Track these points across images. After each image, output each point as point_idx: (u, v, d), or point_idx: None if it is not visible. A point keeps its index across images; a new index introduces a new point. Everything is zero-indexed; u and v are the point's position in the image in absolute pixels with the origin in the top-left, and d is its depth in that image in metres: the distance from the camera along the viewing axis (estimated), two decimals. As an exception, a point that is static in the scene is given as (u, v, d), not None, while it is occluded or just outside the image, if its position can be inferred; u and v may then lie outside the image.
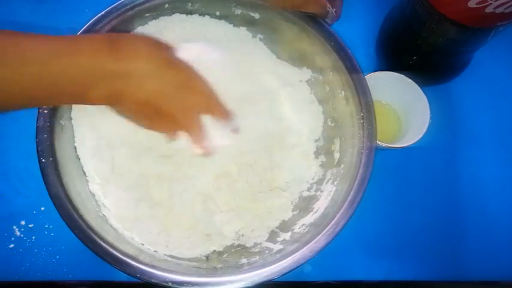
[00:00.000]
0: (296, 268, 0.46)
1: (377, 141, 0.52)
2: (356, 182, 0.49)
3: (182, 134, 0.46)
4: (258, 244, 0.53)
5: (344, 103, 0.55)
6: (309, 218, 0.52)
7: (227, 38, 0.60)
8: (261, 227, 0.54)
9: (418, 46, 0.59)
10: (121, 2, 0.54)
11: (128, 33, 0.55)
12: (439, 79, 0.65)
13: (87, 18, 0.53)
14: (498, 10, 0.46)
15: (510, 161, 0.63)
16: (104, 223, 0.50)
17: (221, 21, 0.60)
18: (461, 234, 0.60)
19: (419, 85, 0.57)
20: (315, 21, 0.55)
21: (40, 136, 0.48)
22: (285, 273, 0.45)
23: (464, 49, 0.58)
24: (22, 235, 0.56)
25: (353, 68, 0.53)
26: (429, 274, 0.58)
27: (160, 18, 0.58)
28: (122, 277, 0.53)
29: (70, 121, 0.53)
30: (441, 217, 0.60)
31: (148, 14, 0.57)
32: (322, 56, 0.57)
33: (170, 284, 0.44)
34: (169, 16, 0.59)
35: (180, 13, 0.59)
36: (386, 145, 0.55)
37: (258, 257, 0.50)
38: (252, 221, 0.54)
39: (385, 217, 0.60)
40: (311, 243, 0.46)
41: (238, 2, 0.58)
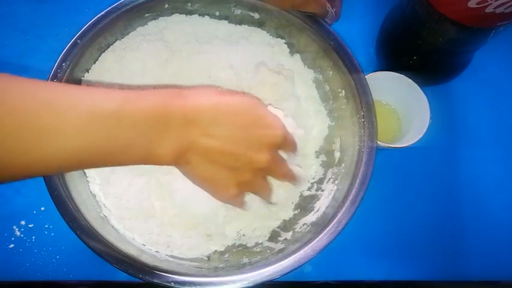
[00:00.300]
0: (298, 267, 0.46)
1: (377, 141, 0.52)
2: (357, 181, 0.49)
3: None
4: (260, 244, 0.53)
5: (344, 102, 0.55)
6: (310, 218, 0.52)
7: (228, 34, 0.60)
8: (262, 227, 0.54)
9: (418, 46, 0.60)
10: (121, 2, 0.54)
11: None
12: (439, 79, 0.65)
13: (87, 18, 0.53)
14: (498, 10, 0.46)
15: (510, 161, 0.63)
16: (105, 223, 0.50)
17: (221, 21, 0.60)
18: (461, 234, 0.60)
19: (419, 85, 0.57)
20: (315, 21, 0.55)
21: (40, 136, 0.48)
22: (287, 272, 0.45)
23: (464, 49, 0.59)
24: (22, 235, 0.56)
25: (353, 68, 0.53)
26: (429, 274, 0.58)
27: (160, 18, 0.58)
28: (122, 277, 0.53)
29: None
30: (441, 217, 0.60)
31: (148, 14, 0.57)
32: (322, 56, 0.57)
33: (172, 284, 0.44)
34: (169, 16, 0.59)
35: (180, 13, 0.59)
36: (386, 145, 0.55)
37: (260, 257, 0.50)
38: (253, 221, 0.54)
39: (385, 217, 0.60)
40: (313, 242, 0.46)
41: (238, 2, 0.58)
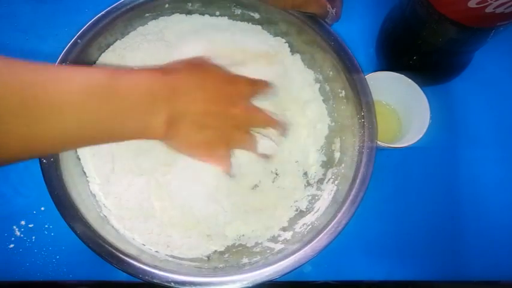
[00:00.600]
0: (298, 268, 0.46)
1: (377, 141, 0.52)
2: (357, 181, 0.49)
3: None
4: (259, 244, 0.53)
5: (344, 102, 0.55)
6: (310, 218, 0.52)
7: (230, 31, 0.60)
8: (262, 227, 0.54)
9: (418, 46, 0.60)
10: (121, 2, 0.54)
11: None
12: (439, 79, 0.65)
13: (87, 18, 0.53)
14: (498, 10, 0.46)
15: (510, 161, 0.63)
16: (105, 223, 0.50)
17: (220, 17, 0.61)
18: (461, 234, 0.60)
19: (419, 85, 0.57)
20: (315, 21, 0.55)
21: (40, 136, 0.48)
22: (287, 272, 0.45)
23: (464, 49, 0.59)
24: (22, 235, 0.56)
25: (353, 68, 0.53)
26: (429, 274, 0.58)
27: (160, 18, 0.58)
28: (122, 277, 0.53)
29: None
30: (441, 217, 0.60)
31: (148, 14, 0.57)
32: (322, 56, 0.57)
33: (172, 284, 0.44)
34: (169, 16, 0.59)
35: (180, 13, 0.59)
36: (386, 145, 0.55)
37: (259, 257, 0.50)
38: (253, 221, 0.54)
39: (385, 217, 0.60)
40: (313, 242, 0.46)
41: (238, 2, 0.58)
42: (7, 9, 0.66)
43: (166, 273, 0.45)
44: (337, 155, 0.56)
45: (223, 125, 0.46)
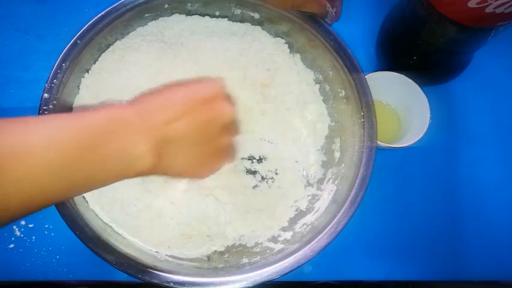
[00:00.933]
0: (297, 268, 0.46)
1: (377, 141, 0.52)
2: (357, 181, 0.49)
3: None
4: (259, 244, 0.53)
5: (344, 102, 0.55)
6: (310, 218, 0.52)
7: (230, 31, 0.60)
8: (262, 227, 0.54)
9: (418, 46, 0.59)
10: (121, 2, 0.54)
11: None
12: (439, 79, 0.65)
13: (87, 18, 0.53)
14: (498, 10, 0.46)
15: (510, 161, 0.63)
16: (105, 224, 0.50)
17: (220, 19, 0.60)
18: (461, 234, 0.60)
19: (419, 85, 0.57)
20: (315, 21, 0.55)
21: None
22: (286, 273, 0.45)
23: (464, 49, 0.59)
24: (22, 235, 0.56)
25: (353, 68, 0.53)
26: (429, 274, 0.58)
27: (160, 18, 0.58)
28: (122, 277, 0.53)
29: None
30: (441, 217, 0.60)
31: (148, 15, 0.57)
32: (322, 56, 0.57)
33: (172, 285, 0.44)
34: (168, 16, 0.59)
35: (180, 13, 0.59)
36: (386, 145, 0.55)
37: (259, 257, 0.50)
38: (253, 221, 0.54)
39: (385, 217, 0.60)
40: (312, 242, 0.46)
41: (237, 2, 0.58)
42: (7, 9, 0.66)
43: (166, 273, 0.45)
44: (337, 155, 0.56)
45: (215, 133, 0.42)
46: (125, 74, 0.56)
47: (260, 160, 0.58)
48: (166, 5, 0.57)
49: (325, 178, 0.56)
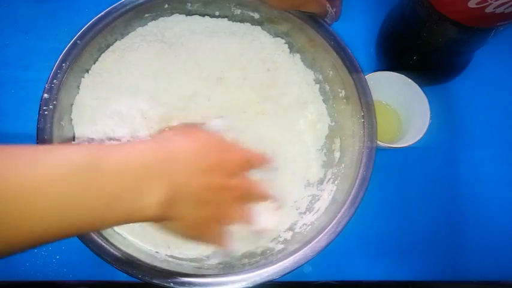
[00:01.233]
0: (297, 268, 0.46)
1: (377, 141, 0.52)
2: (357, 182, 0.49)
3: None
4: (260, 244, 0.53)
5: (344, 102, 0.55)
6: (310, 218, 0.52)
7: (230, 31, 0.60)
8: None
9: (418, 46, 0.59)
10: (121, 2, 0.54)
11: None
12: (439, 79, 0.65)
13: (87, 18, 0.53)
14: (498, 10, 0.46)
15: (510, 161, 0.63)
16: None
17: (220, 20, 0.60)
18: (461, 234, 0.60)
19: (419, 85, 0.57)
20: (315, 21, 0.55)
21: (41, 137, 0.48)
22: (286, 273, 0.45)
23: (464, 49, 0.59)
24: (22, 235, 0.56)
25: (353, 68, 0.53)
26: (429, 274, 0.58)
27: (160, 18, 0.58)
28: (122, 277, 0.53)
29: (70, 122, 0.53)
30: (441, 217, 0.60)
31: (148, 15, 0.57)
32: (322, 56, 0.57)
33: (172, 285, 0.44)
34: (168, 16, 0.59)
35: (180, 13, 0.59)
36: (386, 145, 0.55)
37: (259, 257, 0.50)
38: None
39: (385, 217, 0.60)
40: (312, 243, 0.46)
41: (237, 2, 0.58)
42: (7, 9, 0.66)
43: (165, 273, 0.45)
44: (337, 155, 0.56)
45: (223, 199, 0.41)
46: (125, 74, 0.56)
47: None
48: (166, 5, 0.57)
49: (325, 178, 0.56)
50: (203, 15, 0.60)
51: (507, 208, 0.61)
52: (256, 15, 0.59)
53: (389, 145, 0.55)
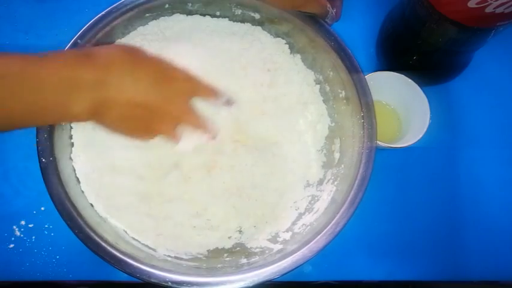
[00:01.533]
0: (296, 268, 0.46)
1: (377, 141, 0.52)
2: (356, 182, 0.49)
3: (182, 130, 0.46)
4: (258, 244, 0.53)
5: (344, 103, 0.55)
6: (309, 218, 0.52)
7: (230, 31, 0.60)
8: (262, 227, 0.54)
9: (418, 46, 0.59)
10: (121, 2, 0.54)
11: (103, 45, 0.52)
12: (439, 79, 0.65)
13: (87, 18, 0.53)
14: (498, 10, 0.46)
15: (510, 161, 0.63)
16: (103, 223, 0.50)
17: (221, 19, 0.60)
18: (461, 234, 0.60)
19: (419, 85, 0.57)
20: (315, 21, 0.55)
21: (40, 136, 0.48)
22: (285, 273, 0.45)
23: (464, 49, 0.59)
24: (22, 235, 0.56)
25: (353, 68, 0.53)
26: (429, 274, 0.58)
27: (160, 18, 0.58)
28: (122, 277, 0.53)
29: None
30: (441, 217, 0.60)
31: (148, 14, 0.57)
32: (322, 56, 0.57)
33: (170, 284, 0.44)
34: (169, 16, 0.59)
35: (180, 13, 0.59)
36: (386, 145, 0.55)
37: (258, 257, 0.50)
38: (253, 221, 0.54)
39: (385, 217, 0.60)
40: (311, 243, 0.46)
41: (238, 2, 0.58)
42: (7, 9, 0.66)
43: (164, 272, 0.45)
44: (337, 156, 0.56)
45: (155, 119, 0.43)
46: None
47: (260, 160, 0.58)
48: (167, 5, 0.57)
49: (324, 179, 0.56)
50: (204, 15, 0.60)
51: (507, 208, 0.61)
52: (256, 15, 0.59)
53: (389, 145, 0.55)
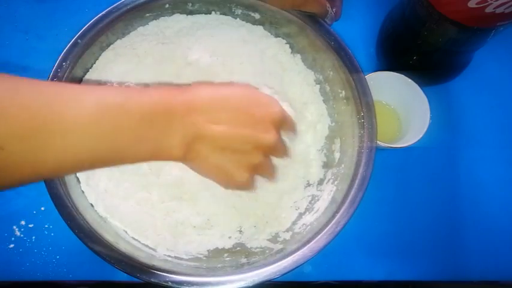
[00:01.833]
0: (296, 268, 0.46)
1: (377, 141, 0.52)
2: (356, 182, 0.49)
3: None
4: (259, 244, 0.53)
5: (344, 103, 0.55)
6: (310, 218, 0.52)
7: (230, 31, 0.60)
8: (262, 227, 0.54)
9: (418, 46, 0.59)
10: (121, 2, 0.54)
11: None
12: (439, 79, 0.65)
13: (87, 18, 0.53)
14: (498, 10, 0.46)
15: (510, 161, 0.63)
16: (104, 223, 0.50)
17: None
18: (461, 234, 0.60)
19: (419, 85, 0.57)
20: (315, 20, 0.55)
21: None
22: (285, 273, 0.45)
23: (464, 49, 0.59)
24: (22, 235, 0.56)
25: (353, 68, 0.53)
26: (429, 274, 0.58)
27: (160, 18, 0.58)
28: (122, 277, 0.53)
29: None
30: (441, 217, 0.60)
31: (148, 14, 0.57)
32: (322, 56, 0.57)
33: (170, 284, 0.44)
34: (169, 16, 0.59)
35: (181, 13, 0.59)
36: (386, 145, 0.55)
37: (258, 257, 0.50)
38: (253, 221, 0.54)
39: (385, 217, 0.60)
40: (311, 243, 0.46)
41: (238, 2, 0.58)
42: (7, 9, 0.66)
43: (164, 272, 0.45)
44: (337, 156, 0.56)
45: (250, 149, 0.40)
46: (126, 73, 0.56)
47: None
48: (167, 5, 0.57)
49: (325, 179, 0.56)
50: (204, 15, 0.60)
51: (507, 208, 0.61)
52: (256, 15, 0.59)
53: (389, 145, 0.55)
